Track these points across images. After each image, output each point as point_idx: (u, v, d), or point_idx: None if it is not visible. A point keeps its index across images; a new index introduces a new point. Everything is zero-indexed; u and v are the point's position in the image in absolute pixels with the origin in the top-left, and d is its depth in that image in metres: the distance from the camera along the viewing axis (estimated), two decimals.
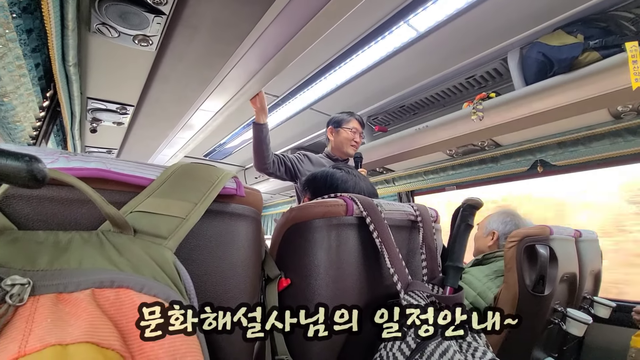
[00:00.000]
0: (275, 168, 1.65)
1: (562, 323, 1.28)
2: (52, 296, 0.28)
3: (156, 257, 0.34)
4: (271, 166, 1.62)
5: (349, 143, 1.73)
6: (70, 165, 0.34)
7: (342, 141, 1.73)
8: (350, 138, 1.72)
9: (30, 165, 0.25)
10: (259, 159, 1.60)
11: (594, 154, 1.69)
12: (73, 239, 0.32)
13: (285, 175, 1.70)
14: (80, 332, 0.27)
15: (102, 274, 0.30)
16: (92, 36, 1.07)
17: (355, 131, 1.74)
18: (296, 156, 1.75)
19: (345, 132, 1.73)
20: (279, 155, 1.69)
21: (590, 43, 1.22)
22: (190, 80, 1.37)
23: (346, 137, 1.73)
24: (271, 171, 1.64)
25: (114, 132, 1.94)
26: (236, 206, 0.48)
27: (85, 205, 0.35)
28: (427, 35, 1.35)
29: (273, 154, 1.65)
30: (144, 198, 0.38)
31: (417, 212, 0.75)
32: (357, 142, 1.74)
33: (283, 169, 1.68)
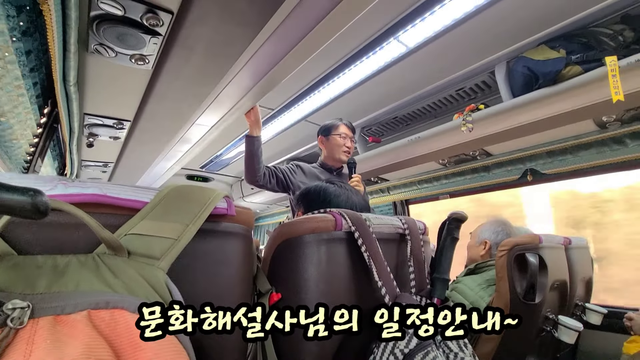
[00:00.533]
0: (266, 180, 1.64)
1: (554, 330, 1.30)
2: (51, 318, 0.30)
3: (149, 277, 0.36)
4: (262, 178, 1.62)
5: (340, 149, 1.71)
6: (68, 192, 0.37)
7: (333, 148, 1.73)
8: (341, 144, 1.71)
9: (34, 199, 0.27)
10: (250, 172, 1.60)
11: (581, 162, 1.73)
12: (70, 262, 0.34)
13: (277, 187, 1.69)
14: (77, 353, 0.28)
15: (97, 296, 0.32)
16: (90, 56, 1.10)
17: (345, 136, 1.73)
18: (289, 167, 1.75)
19: (334, 139, 1.72)
20: (270, 168, 1.69)
21: (572, 57, 1.27)
22: (186, 96, 1.40)
23: (336, 144, 1.72)
24: (262, 183, 1.64)
25: (110, 146, 1.96)
26: (227, 225, 0.50)
27: (82, 229, 0.37)
28: (417, 50, 1.39)
29: (265, 167, 1.65)
30: (137, 221, 0.40)
31: (405, 225, 0.77)
32: (348, 147, 1.72)
33: (274, 180, 1.67)
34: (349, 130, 1.74)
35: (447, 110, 1.91)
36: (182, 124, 1.67)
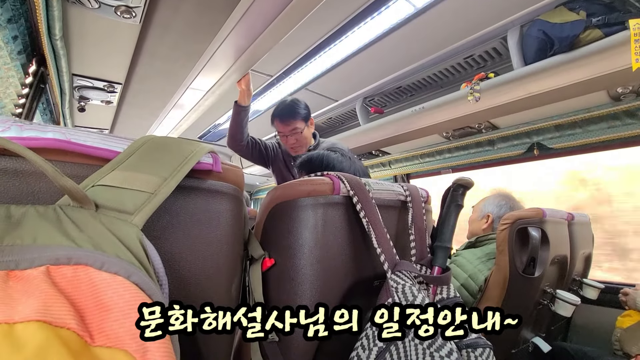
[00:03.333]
0: (248, 151, 1.60)
1: (550, 304, 1.29)
2: (2, 273, 0.26)
3: (120, 233, 0.32)
4: (244, 147, 1.58)
5: (286, 148, 1.54)
6: (24, 134, 0.32)
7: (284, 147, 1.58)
8: (283, 143, 1.52)
9: None
10: (232, 139, 1.55)
11: (591, 137, 1.67)
12: (27, 213, 0.30)
13: (259, 160, 1.66)
14: (30, 311, 0.25)
15: (58, 250, 0.28)
16: (71, 7, 1.01)
17: (282, 134, 1.47)
18: (273, 144, 1.69)
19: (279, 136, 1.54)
20: (254, 139, 1.63)
21: (593, 20, 1.18)
22: (178, 55, 1.32)
23: (281, 142, 1.56)
24: (243, 152, 1.61)
25: (103, 111, 1.89)
26: (213, 182, 0.45)
27: (43, 178, 0.33)
28: (426, 11, 1.30)
29: (250, 137, 1.60)
30: (107, 171, 0.35)
31: (407, 192, 0.73)
32: (291, 144, 1.48)
33: (257, 153, 1.63)
34: (283, 125, 1.45)
35: (454, 79, 1.82)
36: (176, 87, 1.60)
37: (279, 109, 1.47)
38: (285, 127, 1.44)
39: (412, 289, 0.52)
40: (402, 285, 0.53)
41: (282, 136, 1.48)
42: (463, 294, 1.24)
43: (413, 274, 0.59)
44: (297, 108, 1.47)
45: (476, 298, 1.22)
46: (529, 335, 1.35)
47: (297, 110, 1.46)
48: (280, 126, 1.46)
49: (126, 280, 0.29)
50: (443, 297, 0.62)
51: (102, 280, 0.28)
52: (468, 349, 0.54)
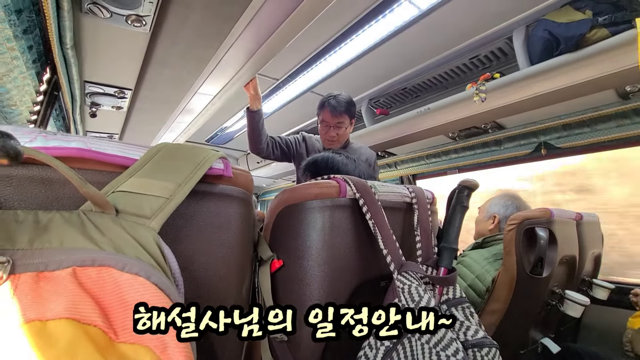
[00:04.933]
0: (269, 151, 1.64)
1: (559, 304, 1.29)
2: (33, 274, 0.28)
3: (139, 237, 0.34)
4: (265, 149, 1.61)
5: (324, 138, 1.55)
6: (49, 144, 0.34)
7: (321, 134, 1.57)
8: (323, 133, 1.53)
9: (3, 143, 0.25)
10: (253, 143, 1.60)
11: (600, 136, 1.65)
12: (53, 218, 0.32)
13: (282, 157, 1.69)
14: (60, 309, 0.27)
15: (83, 253, 0.30)
16: (84, 17, 1.04)
17: (327, 124, 1.49)
18: (295, 138, 1.73)
19: (320, 125, 1.55)
20: (275, 139, 1.67)
21: (599, 19, 1.17)
22: (187, 62, 1.35)
23: (320, 132, 1.57)
24: (265, 154, 1.64)
25: (114, 116, 1.93)
26: (224, 187, 0.47)
27: (67, 185, 0.35)
28: (430, 13, 1.30)
29: (269, 137, 1.64)
30: (126, 178, 0.37)
31: (412, 193, 0.74)
32: (332, 137, 1.50)
33: (278, 152, 1.66)
34: (332, 117, 1.47)
35: (459, 80, 1.82)
36: (184, 92, 1.63)
37: (334, 100, 1.47)
38: (334, 119, 1.46)
39: (418, 290, 0.53)
40: (409, 286, 0.54)
41: (325, 126, 1.49)
42: (470, 294, 1.24)
43: (419, 275, 0.60)
44: (350, 105, 1.50)
45: (483, 299, 1.22)
46: (538, 336, 1.35)
47: (350, 108, 1.49)
48: (328, 116, 1.46)
49: (146, 280, 0.31)
50: (449, 298, 0.63)
51: (125, 281, 0.30)
52: (474, 349, 0.55)
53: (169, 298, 0.31)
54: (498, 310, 1.17)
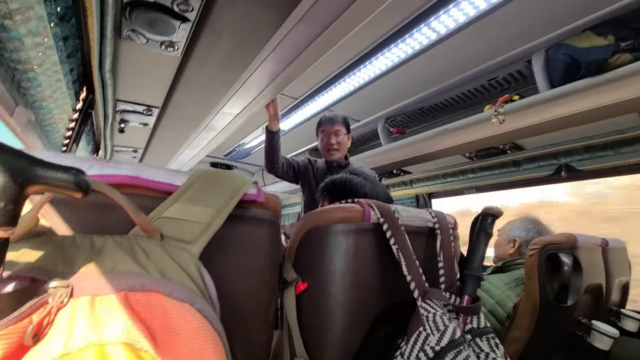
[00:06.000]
0: (284, 171, 1.71)
1: (586, 335, 1.23)
2: (90, 298, 0.31)
3: (181, 261, 0.36)
4: (280, 169, 1.69)
5: (325, 149, 1.69)
6: (105, 172, 0.37)
7: (321, 147, 1.72)
8: (324, 143, 1.68)
9: (77, 178, 0.27)
10: (269, 163, 1.67)
11: (623, 159, 1.61)
12: (106, 243, 0.35)
13: (293, 178, 1.76)
14: (117, 333, 0.29)
15: (134, 278, 0.32)
16: (122, 42, 1.12)
17: (326, 133, 1.67)
18: (303, 160, 1.81)
19: (320, 138, 1.71)
20: (288, 160, 1.75)
21: (622, 44, 1.17)
22: (213, 84, 1.41)
23: (321, 143, 1.71)
24: (280, 174, 1.71)
25: (139, 132, 2.01)
26: (256, 211, 0.49)
27: (116, 210, 0.38)
28: (448, 38, 1.33)
29: (283, 158, 1.72)
30: (170, 204, 0.40)
31: (434, 219, 0.74)
32: (331, 144, 1.66)
33: (292, 172, 1.74)
34: (329, 125, 1.66)
35: (477, 101, 1.82)
36: (208, 111, 1.69)
37: (329, 113, 1.75)
38: (331, 126, 1.65)
39: (443, 318, 0.53)
40: (433, 314, 0.54)
41: (325, 136, 1.65)
42: (490, 320, 1.21)
43: (443, 303, 0.60)
44: (345, 119, 1.75)
45: (504, 326, 1.18)
46: None
47: (345, 120, 1.73)
48: (326, 125, 1.66)
49: (192, 307, 0.32)
50: (473, 327, 0.62)
51: (172, 307, 0.32)
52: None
53: (211, 325, 0.33)
54: (520, 339, 1.14)
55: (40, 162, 0.25)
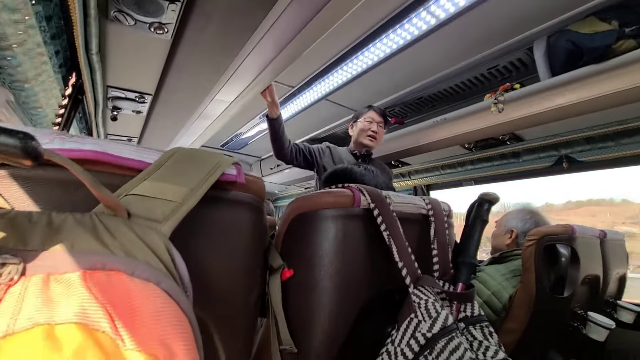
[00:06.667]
0: (293, 157, 1.69)
1: (582, 327, 1.22)
2: (44, 276, 0.28)
3: (149, 241, 0.33)
4: (288, 154, 1.67)
5: (365, 133, 1.71)
6: (66, 146, 0.34)
7: (359, 133, 1.73)
8: (366, 128, 1.71)
9: (24, 143, 0.25)
10: (276, 149, 1.66)
11: (625, 150, 1.59)
12: (66, 220, 0.32)
13: (304, 164, 1.74)
14: (70, 313, 0.26)
15: (94, 256, 0.30)
16: (109, 24, 1.08)
17: (372, 121, 1.72)
18: (319, 147, 1.78)
19: (361, 124, 1.73)
20: (298, 145, 1.72)
21: (626, 30, 1.13)
22: (206, 68, 1.37)
23: (362, 128, 1.72)
24: (289, 160, 1.69)
25: (133, 120, 1.98)
26: (236, 193, 0.47)
27: (81, 188, 0.35)
28: (448, 23, 1.29)
29: (292, 144, 1.69)
30: (139, 182, 0.37)
31: (428, 205, 0.72)
32: (374, 131, 1.71)
33: (301, 158, 1.72)
34: (377, 115, 1.73)
35: (477, 90, 1.79)
36: (202, 98, 1.66)
37: (378, 107, 1.79)
38: (379, 117, 1.73)
39: (435, 305, 0.51)
40: (425, 301, 0.52)
41: (370, 122, 1.71)
42: (486, 311, 1.20)
43: (436, 290, 0.58)
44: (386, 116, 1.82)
45: (500, 316, 1.17)
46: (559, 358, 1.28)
47: (386, 117, 1.81)
48: (376, 115, 1.73)
49: (157, 287, 0.30)
50: (467, 315, 0.60)
51: (135, 287, 0.29)
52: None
53: (178, 305, 0.30)
54: (515, 330, 1.12)
55: None
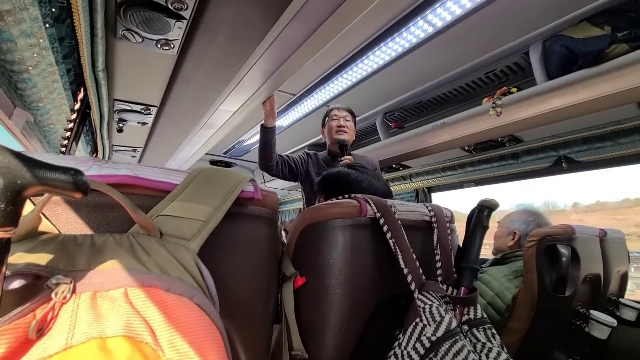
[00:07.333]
0: (279, 169, 1.69)
1: (584, 325, 1.25)
2: (91, 294, 0.31)
3: (180, 257, 0.37)
4: (274, 167, 1.67)
5: (334, 130, 1.74)
6: (103, 172, 0.38)
7: (328, 133, 1.77)
8: (334, 125, 1.74)
9: (75, 179, 0.28)
10: (263, 160, 1.65)
11: (622, 150, 1.62)
12: (107, 241, 0.35)
13: (289, 175, 1.74)
14: (118, 327, 0.30)
15: (134, 274, 0.33)
16: (117, 42, 1.12)
17: (336, 117, 1.75)
18: (300, 156, 1.79)
19: (329, 124, 1.77)
20: (283, 157, 1.73)
21: (619, 35, 1.17)
22: (210, 81, 1.41)
23: (330, 126, 1.76)
24: (274, 172, 1.69)
25: (138, 131, 2.02)
26: (253, 208, 0.50)
27: (116, 209, 0.38)
28: (445, 31, 1.33)
29: (278, 155, 1.69)
30: (168, 202, 0.40)
31: (431, 212, 0.75)
32: (341, 125, 1.74)
33: (287, 170, 1.72)
34: (339, 110, 1.77)
35: (475, 94, 1.82)
36: (206, 109, 1.70)
37: (335, 105, 1.83)
38: (341, 112, 1.77)
39: (440, 310, 0.54)
40: (430, 306, 0.55)
41: (335, 119, 1.75)
42: (489, 312, 1.22)
43: (440, 294, 0.61)
44: (351, 110, 1.84)
45: (503, 317, 1.20)
46: (562, 357, 1.31)
47: (351, 110, 1.83)
48: (338, 111, 1.77)
49: (190, 301, 0.33)
50: (470, 318, 0.63)
51: (171, 301, 0.32)
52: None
53: (209, 317, 0.34)
54: (519, 330, 1.15)
55: (39, 164, 0.26)
